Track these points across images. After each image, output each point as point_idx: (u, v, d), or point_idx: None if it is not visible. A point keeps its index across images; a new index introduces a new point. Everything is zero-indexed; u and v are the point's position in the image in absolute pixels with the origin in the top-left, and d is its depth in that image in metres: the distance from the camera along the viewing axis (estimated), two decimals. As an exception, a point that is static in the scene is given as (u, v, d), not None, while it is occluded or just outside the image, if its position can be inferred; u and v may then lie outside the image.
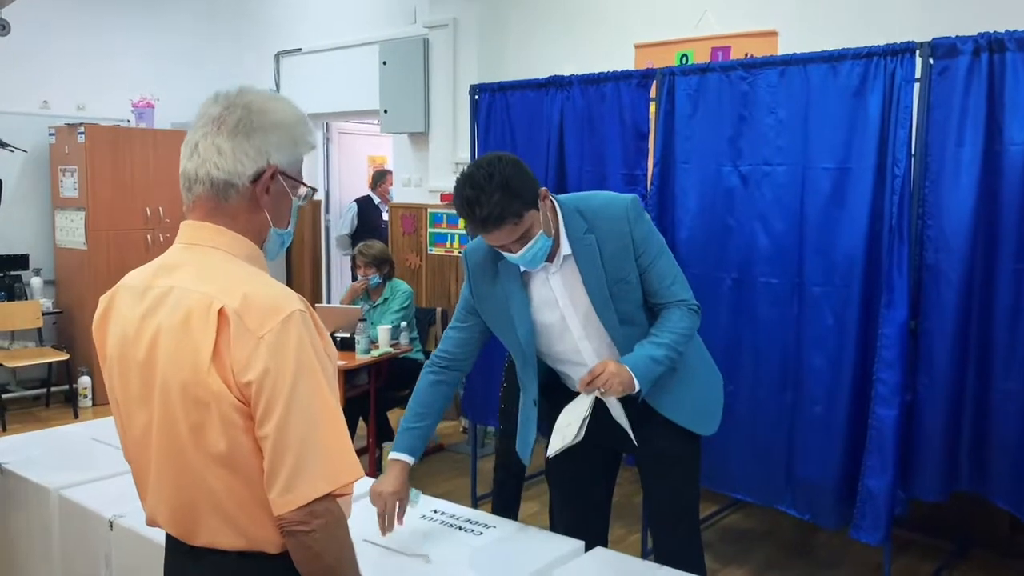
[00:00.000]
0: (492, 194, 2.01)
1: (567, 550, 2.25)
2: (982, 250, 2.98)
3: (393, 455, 2.34)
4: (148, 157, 6.43)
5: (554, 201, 2.22)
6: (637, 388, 2.17)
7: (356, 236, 6.70)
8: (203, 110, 1.42)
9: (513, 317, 2.27)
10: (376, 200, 6.96)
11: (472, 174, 2.06)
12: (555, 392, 2.44)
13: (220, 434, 1.30)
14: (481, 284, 2.33)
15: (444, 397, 2.41)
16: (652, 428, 2.37)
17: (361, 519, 1.57)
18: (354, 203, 7.00)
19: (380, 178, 7.00)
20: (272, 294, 1.33)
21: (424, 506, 2.51)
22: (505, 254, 2.17)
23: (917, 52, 3.01)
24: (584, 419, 2.19)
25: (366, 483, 2.55)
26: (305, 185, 1.49)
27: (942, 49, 2.97)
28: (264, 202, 1.41)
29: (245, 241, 1.42)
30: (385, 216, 6.82)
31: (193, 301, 1.33)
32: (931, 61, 2.99)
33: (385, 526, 2.22)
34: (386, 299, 4.96)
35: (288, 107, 1.45)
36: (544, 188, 2.17)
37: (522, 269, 2.25)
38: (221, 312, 1.29)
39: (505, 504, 3.79)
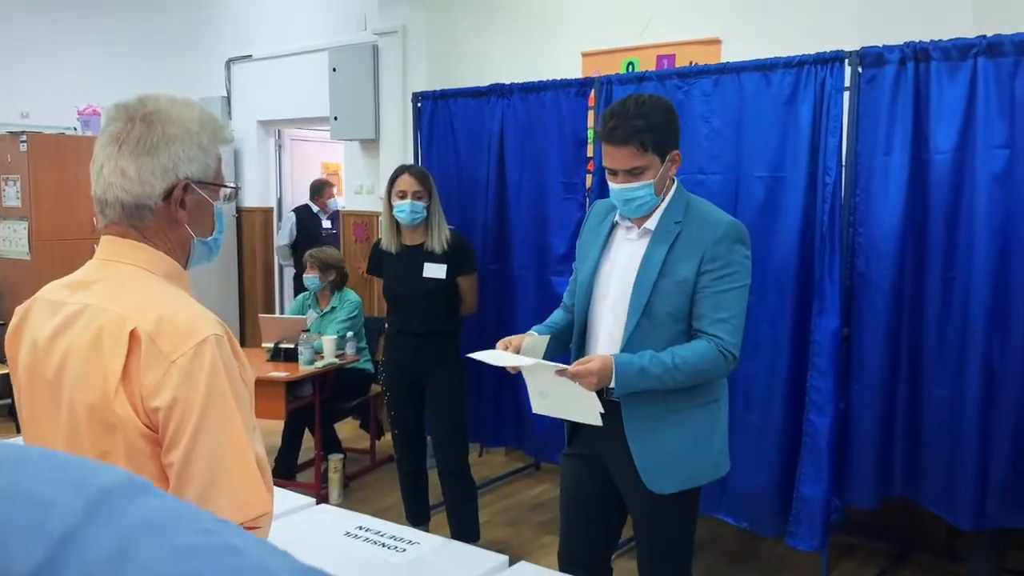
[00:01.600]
0: (634, 117, 2.12)
1: (490, 565, 2.22)
2: (911, 257, 3.01)
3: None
4: (94, 165, 6.30)
5: (677, 182, 2.28)
6: (612, 385, 2.14)
7: (296, 246, 6.60)
8: (104, 125, 1.37)
9: (587, 259, 2.37)
10: (315, 209, 6.76)
11: (628, 96, 2.21)
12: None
13: (125, 461, 1.26)
14: (590, 225, 2.45)
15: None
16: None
17: (279, 542, 1.54)
18: (292, 213, 6.84)
19: (319, 189, 6.81)
20: (188, 316, 1.29)
21: (349, 523, 2.47)
22: (610, 184, 2.23)
23: (846, 61, 3.03)
24: (518, 367, 2.20)
25: (285, 501, 2.52)
26: (225, 186, 1.44)
27: (870, 58, 2.99)
28: (181, 216, 1.36)
29: (165, 258, 1.38)
30: (325, 224, 6.70)
31: (105, 320, 1.28)
32: (859, 70, 3.02)
33: (504, 345, 2.32)
34: (334, 308, 4.92)
35: (191, 112, 1.38)
36: (678, 153, 2.23)
37: (615, 219, 2.32)
38: (133, 333, 1.24)
39: (415, 499, 3.88)
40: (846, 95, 3.04)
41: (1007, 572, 3.29)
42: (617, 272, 2.28)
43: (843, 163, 3.04)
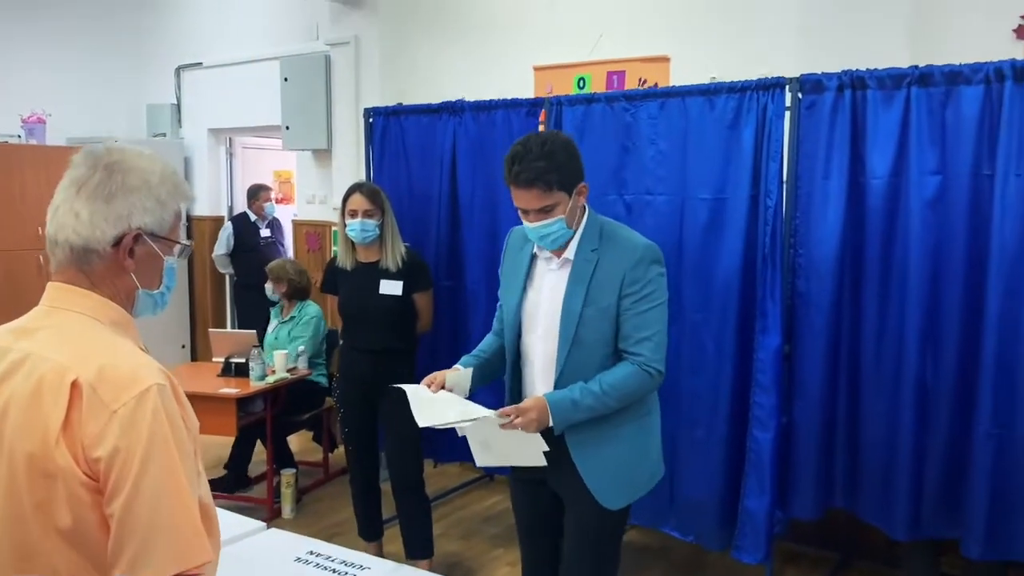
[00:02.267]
0: (536, 159, 2.17)
1: (440, 590, 2.25)
2: (849, 278, 3.11)
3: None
4: (39, 174, 6.19)
5: (588, 209, 2.34)
6: (551, 424, 2.23)
7: (234, 255, 6.54)
8: (68, 170, 1.39)
9: (512, 290, 2.42)
10: (253, 217, 6.63)
11: (529, 137, 2.25)
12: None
13: (66, 509, 1.26)
14: (510, 255, 2.50)
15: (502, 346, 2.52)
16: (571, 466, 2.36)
17: (229, 569, 1.55)
18: (229, 222, 6.76)
19: (253, 194, 6.67)
20: (131, 366, 1.30)
21: (300, 547, 2.48)
22: (524, 224, 2.29)
23: (787, 87, 3.11)
24: (462, 423, 2.25)
25: (235, 526, 2.53)
26: (179, 243, 1.47)
27: (809, 85, 3.08)
28: (128, 265, 1.38)
29: (111, 306, 1.39)
30: (263, 233, 6.60)
31: (47, 370, 1.29)
32: (799, 96, 3.11)
33: (429, 382, 2.39)
34: (292, 317, 4.93)
35: (153, 166, 1.41)
36: (585, 185, 2.29)
37: (534, 250, 2.38)
38: (75, 384, 1.26)
39: (368, 514, 3.90)
40: (787, 121, 3.13)
41: (941, 576, 3.42)
42: (543, 304, 2.35)
43: (784, 186, 3.13)
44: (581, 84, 4.78)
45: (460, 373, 2.42)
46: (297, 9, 6.25)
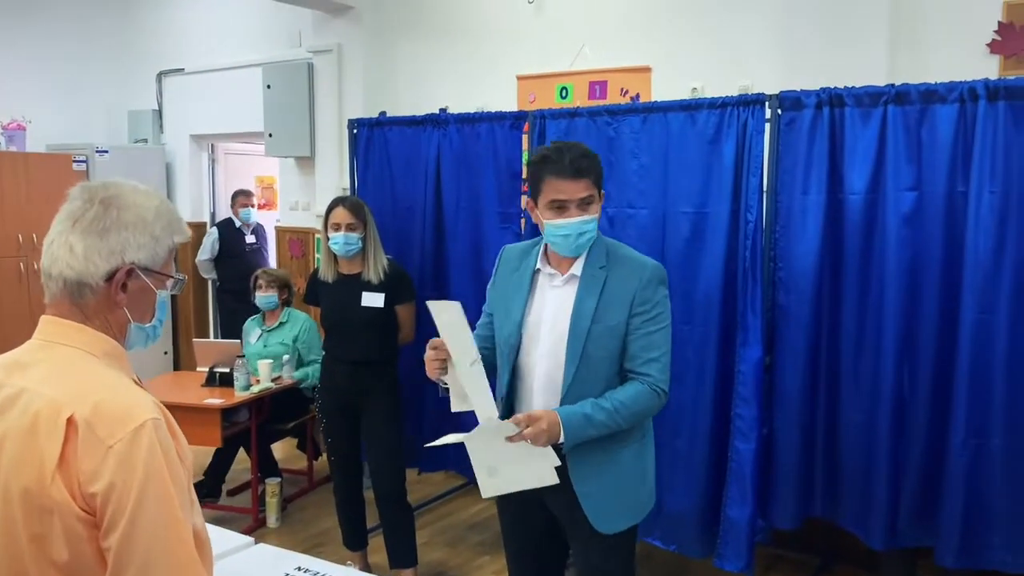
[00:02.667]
0: (584, 155, 2.23)
1: (427, 605, 2.28)
2: (828, 292, 3.17)
3: None
4: (20, 181, 6.16)
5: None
6: (561, 440, 2.18)
7: (218, 261, 6.52)
8: (65, 203, 1.41)
9: (511, 307, 2.37)
10: (237, 223, 6.57)
11: (559, 141, 2.31)
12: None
13: (63, 543, 1.29)
14: (504, 272, 2.46)
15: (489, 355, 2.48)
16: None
17: None
18: (214, 228, 6.72)
19: (234, 198, 6.61)
20: (126, 401, 1.32)
21: (288, 563, 2.50)
22: (557, 223, 2.22)
23: (767, 103, 3.16)
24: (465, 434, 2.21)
25: (223, 541, 2.54)
26: (172, 277, 1.49)
27: (788, 102, 3.14)
28: (120, 300, 1.40)
29: (104, 339, 1.41)
30: (248, 239, 6.55)
31: (42, 406, 1.31)
32: (779, 112, 3.15)
33: (434, 345, 2.31)
34: (282, 323, 4.91)
35: (149, 202, 1.43)
36: (603, 192, 2.33)
37: (536, 266, 2.35)
38: (70, 420, 1.28)
39: (352, 524, 3.92)
40: (767, 136, 3.17)
41: (918, 580, 3.49)
42: (546, 320, 2.32)
43: (764, 201, 3.18)
44: (563, 93, 4.81)
45: None
46: (280, 16, 6.24)
